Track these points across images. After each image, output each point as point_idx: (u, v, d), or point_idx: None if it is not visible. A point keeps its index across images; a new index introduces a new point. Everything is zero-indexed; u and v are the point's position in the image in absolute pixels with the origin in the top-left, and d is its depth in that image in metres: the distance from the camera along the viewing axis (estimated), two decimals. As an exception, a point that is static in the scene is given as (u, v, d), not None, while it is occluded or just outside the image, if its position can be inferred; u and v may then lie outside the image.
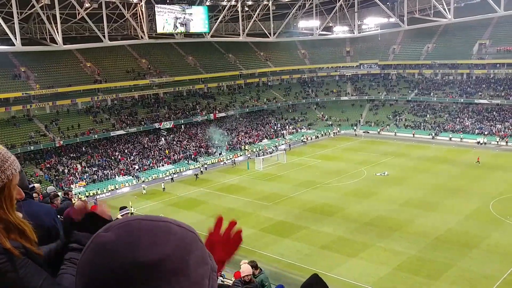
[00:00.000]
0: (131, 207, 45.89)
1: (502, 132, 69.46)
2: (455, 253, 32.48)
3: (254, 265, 8.69)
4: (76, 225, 2.51)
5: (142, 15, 64.81)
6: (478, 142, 68.09)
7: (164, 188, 54.68)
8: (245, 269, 9.26)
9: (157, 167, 62.15)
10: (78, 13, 59.42)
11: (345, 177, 54.17)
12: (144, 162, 62.39)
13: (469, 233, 35.91)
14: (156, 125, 68.26)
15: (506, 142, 67.04)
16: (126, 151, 64.44)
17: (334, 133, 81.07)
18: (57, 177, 55.02)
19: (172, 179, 58.07)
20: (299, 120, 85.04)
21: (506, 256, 31.45)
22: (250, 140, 74.16)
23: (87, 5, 59.36)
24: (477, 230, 36.49)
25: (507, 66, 78.32)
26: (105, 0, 59.34)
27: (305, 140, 76.10)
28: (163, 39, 71.83)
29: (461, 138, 70.83)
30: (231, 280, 10.90)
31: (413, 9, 76.38)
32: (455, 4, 70.99)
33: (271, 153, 67.70)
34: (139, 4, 64.27)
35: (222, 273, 11.20)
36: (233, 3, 72.80)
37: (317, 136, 78.92)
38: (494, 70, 79.79)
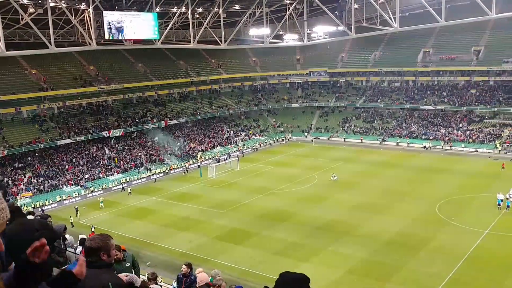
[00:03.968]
0: (70, 216, 44.82)
1: (446, 137, 72.20)
2: (403, 255, 33.40)
3: (118, 248, 9.35)
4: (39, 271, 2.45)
5: (90, 21, 63.32)
6: (424, 147, 70.50)
7: (130, 192, 54.66)
8: (202, 278, 9.24)
9: (106, 176, 60.76)
10: (22, 19, 57.40)
11: (297, 183, 54.78)
12: (92, 171, 60.86)
13: (417, 235, 37.04)
14: (105, 133, 66.78)
15: (450, 146, 69.72)
16: (74, 160, 62.67)
17: (286, 139, 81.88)
18: (0, 189, 52.72)
19: (123, 188, 56.98)
20: (252, 127, 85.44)
21: (451, 256, 32.64)
22: (202, 147, 73.79)
23: (31, 10, 57.49)
24: (424, 232, 37.71)
25: (449, 74, 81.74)
26: (51, 6, 57.65)
27: (256, 147, 76.45)
28: (112, 46, 70.38)
29: (408, 143, 73.13)
30: None
31: (361, 18, 78.36)
32: (400, 14, 73.31)
33: (225, 160, 67.59)
34: (87, 10, 62.82)
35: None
36: (183, 10, 72.37)
37: (270, 143, 79.48)
38: (437, 77, 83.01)
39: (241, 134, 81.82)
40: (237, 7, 79.08)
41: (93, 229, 40.16)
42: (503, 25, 77.10)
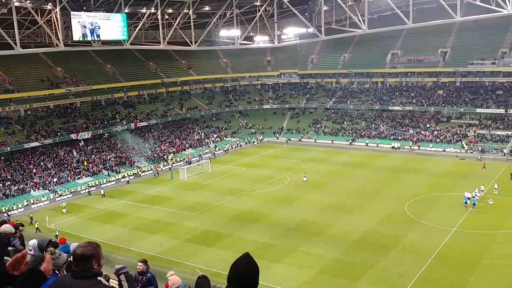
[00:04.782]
0: (36, 222, 43.76)
1: (414, 137, 73.48)
2: (373, 254, 33.81)
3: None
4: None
5: (57, 22, 62.13)
6: (393, 147, 71.57)
7: (104, 194, 54.29)
8: (174, 281, 9.12)
9: (75, 179, 59.62)
10: (-15, 18, 55.94)
11: (269, 184, 54.89)
12: (60, 175, 59.61)
13: (387, 234, 37.57)
14: (73, 136, 65.52)
15: (418, 146, 71.00)
16: (41, 164, 61.31)
17: (257, 141, 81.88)
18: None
19: (89, 192, 56.07)
20: (223, 128, 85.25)
21: (420, 254, 33.21)
22: (173, 149, 73.20)
23: (-5, 9, 56.09)
24: (394, 231, 38.28)
25: (417, 75, 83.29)
26: (15, 5, 56.30)
27: (227, 149, 76.28)
28: (80, 47, 69.33)
29: (377, 144, 74.12)
30: None
31: (330, 20, 79.10)
32: (369, 16, 74.35)
33: (200, 160, 67.18)
34: (54, 10, 61.62)
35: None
36: (152, 10, 71.76)
37: (241, 145, 79.37)
38: (405, 78, 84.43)
39: (212, 135, 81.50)
40: (207, 8, 78.84)
41: (57, 233, 39.33)
42: (468, 28, 79.20)
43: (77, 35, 63.70)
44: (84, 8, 64.57)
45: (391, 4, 71.05)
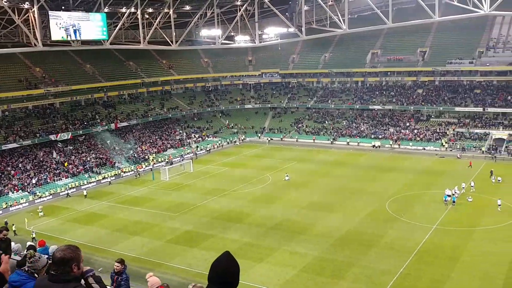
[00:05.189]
0: (13, 225, 42.91)
1: (394, 136, 74.19)
2: (355, 252, 34.04)
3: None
4: None
5: (35, 21, 61.16)
6: (374, 146, 72.18)
7: (86, 195, 53.77)
8: (153, 281, 9.06)
9: (55, 181, 58.80)
10: (-39, 18, 54.79)
11: (251, 184, 54.88)
12: (40, 176, 58.72)
13: (368, 232, 37.86)
14: (52, 137, 64.60)
15: (399, 145, 71.72)
16: (20, 165, 60.32)
17: (239, 140, 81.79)
18: None
19: (68, 194, 55.35)
20: (205, 128, 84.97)
21: (401, 252, 33.54)
22: (154, 150, 72.68)
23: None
24: (375, 228, 38.59)
25: (396, 74, 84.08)
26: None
27: (209, 149, 76.08)
28: (59, 47, 68.29)
29: (358, 143, 74.66)
30: None
31: (311, 20, 79.41)
32: (349, 16, 74.82)
33: (181, 161, 66.85)
34: (31, 10, 60.63)
35: None
36: (132, 10, 71.13)
37: (222, 145, 79.21)
38: (385, 77, 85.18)
39: (194, 136, 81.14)
40: (188, 7, 78.46)
41: (33, 235, 38.72)
42: (446, 28, 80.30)
43: (56, 35, 62.80)
44: (63, 7, 63.72)
45: (371, 4, 71.64)
